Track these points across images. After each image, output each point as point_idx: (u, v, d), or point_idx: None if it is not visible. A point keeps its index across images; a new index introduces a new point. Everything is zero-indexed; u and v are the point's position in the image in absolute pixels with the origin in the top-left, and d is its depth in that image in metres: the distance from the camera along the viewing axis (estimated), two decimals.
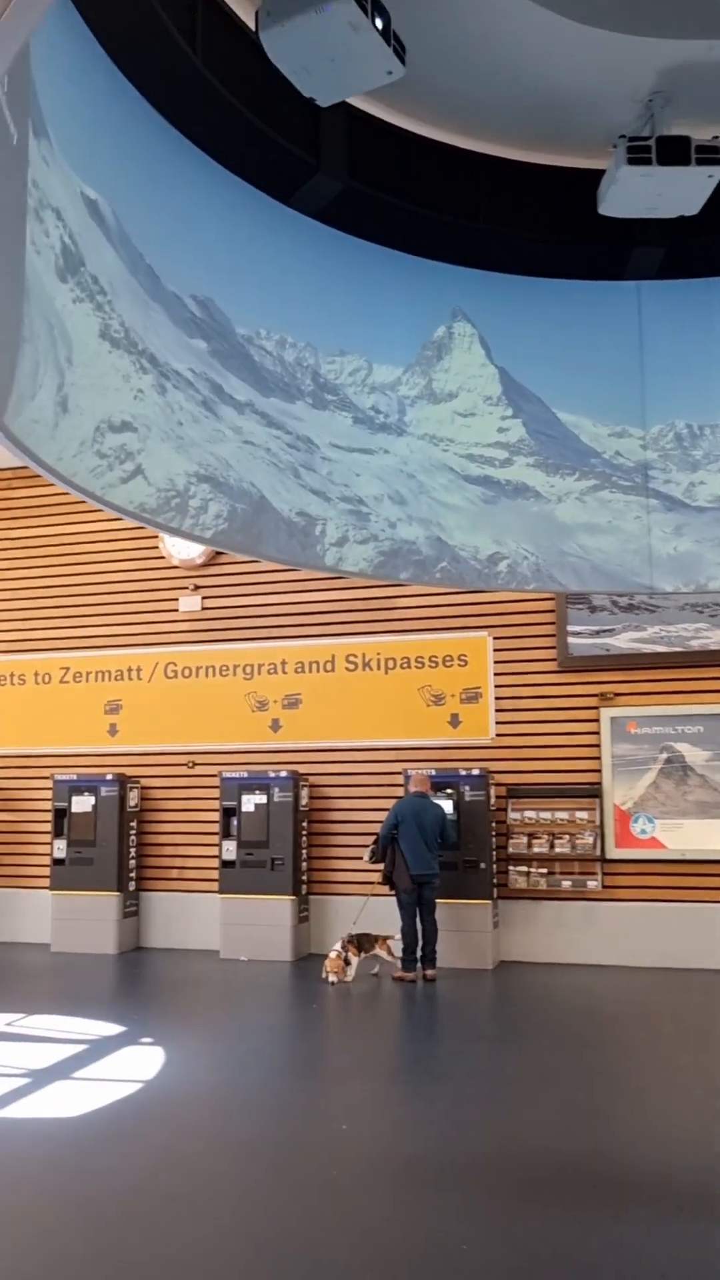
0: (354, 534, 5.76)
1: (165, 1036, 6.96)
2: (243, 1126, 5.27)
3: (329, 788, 10.66)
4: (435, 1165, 4.69)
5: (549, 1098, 5.70)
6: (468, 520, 6.19)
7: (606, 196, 5.86)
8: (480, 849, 9.72)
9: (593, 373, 6.54)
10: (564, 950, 9.78)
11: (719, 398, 6.57)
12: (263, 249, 5.45)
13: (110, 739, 11.30)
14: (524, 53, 5.47)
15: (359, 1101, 5.72)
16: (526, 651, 10.37)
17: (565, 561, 6.39)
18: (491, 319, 6.42)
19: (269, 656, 10.95)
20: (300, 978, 9.26)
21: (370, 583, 10.40)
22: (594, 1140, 4.99)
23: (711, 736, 9.81)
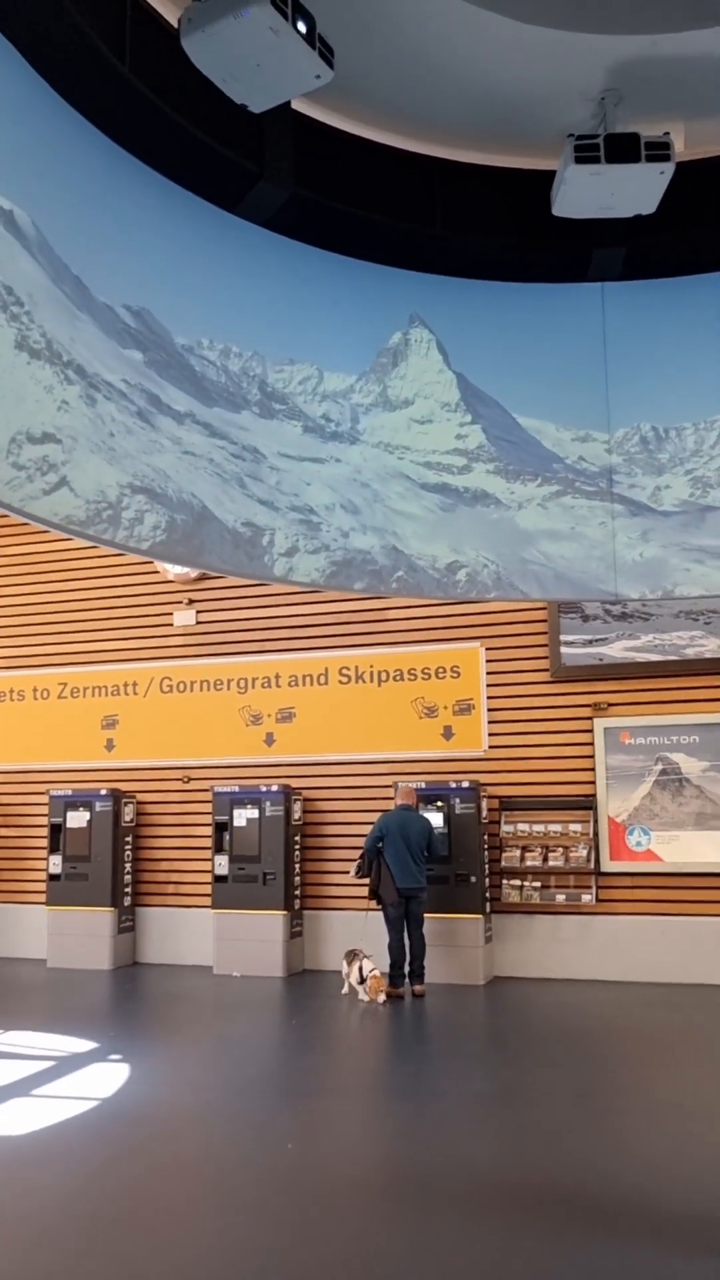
0: (304, 544, 5.69)
1: (135, 1053, 6.90)
2: (186, 1145, 5.19)
3: (322, 801, 10.57)
4: (379, 1186, 4.57)
5: (528, 1117, 5.56)
6: (425, 529, 6.10)
7: (558, 197, 5.77)
8: (471, 862, 9.58)
9: (555, 377, 6.44)
10: (558, 965, 9.60)
11: (684, 399, 6.44)
12: (205, 258, 5.42)
13: (107, 754, 11.31)
14: (464, 53, 5.41)
15: (316, 1120, 5.62)
16: (519, 662, 10.23)
17: (527, 569, 6.27)
18: (449, 324, 6.34)
19: (263, 670, 10.91)
20: (290, 994, 9.17)
21: (362, 595, 10.32)
22: (572, 1164, 4.84)
23: (707, 746, 9.60)
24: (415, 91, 5.66)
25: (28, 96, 4.44)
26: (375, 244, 6.12)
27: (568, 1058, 6.84)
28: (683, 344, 6.47)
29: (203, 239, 5.40)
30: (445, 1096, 6.03)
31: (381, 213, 6.06)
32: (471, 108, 5.82)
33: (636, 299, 6.54)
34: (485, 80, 5.59)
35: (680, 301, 6.50)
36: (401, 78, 5.54)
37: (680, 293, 6.53)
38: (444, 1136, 5.28)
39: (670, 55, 5.43)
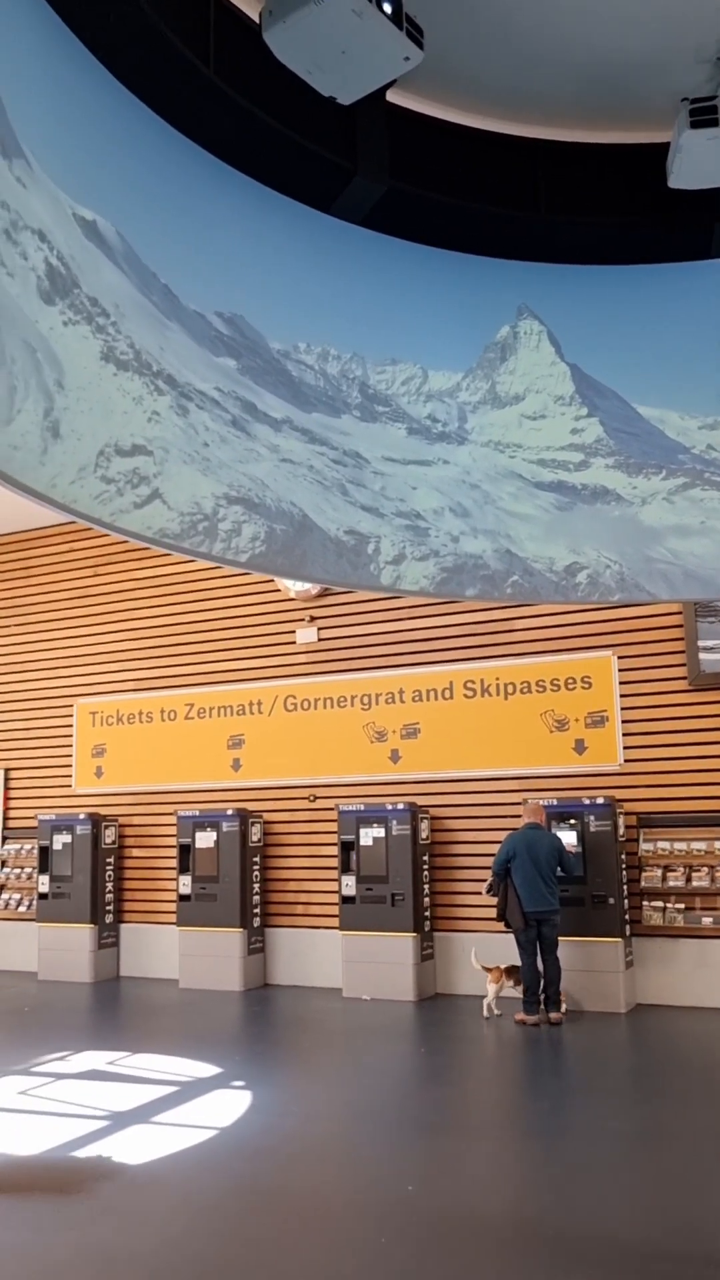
0: (412, 550, 5.44)
1: (258, 1080, 6.73)
2: (302, 1181, 4.96)
3: (450, 819, 10.26)
4: (501, 1237, 4.24)
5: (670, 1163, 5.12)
6: (540, 529, 5.76)
7: (675, 168, 5.39)
8: (609, 883, 9.08)
9: (677, 362, 6.01)
10: (705, 993, 8.98)
11: None
12: (299, 260, 5.26)
13: (234, 774, 11.29)
14: (563, 21, 5.09)
15: (440, 1158, 5.31)
16: (655, 670, 9.69)
17: (654, 569, 5.85)
18: (561, 314, 6.00)
19: (386, 686, 10.69)
20: (421, 1019, 8.87)
21: (487, 605, 10.02)
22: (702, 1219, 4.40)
23: None
24: (511, 69, 5.37)
25: (108, 104, 4.38)
26: (477, 235, 5.85)
27: (715, 1096, 6.31)
28: None
29: (296, 240, 5.25)
30: (580, 1136, 5.62)
31: (482, 201, 5.80)
32: (574, 81, 5.49)
33: None
34: (587, 50, 5.25)
35: None
36: (496, 55, 5.26)
37: None
38: (576, 1183, 4.89)
39: None
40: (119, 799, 11.88)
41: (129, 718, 11.94)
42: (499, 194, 5.80)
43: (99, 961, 11.21)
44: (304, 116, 5.06)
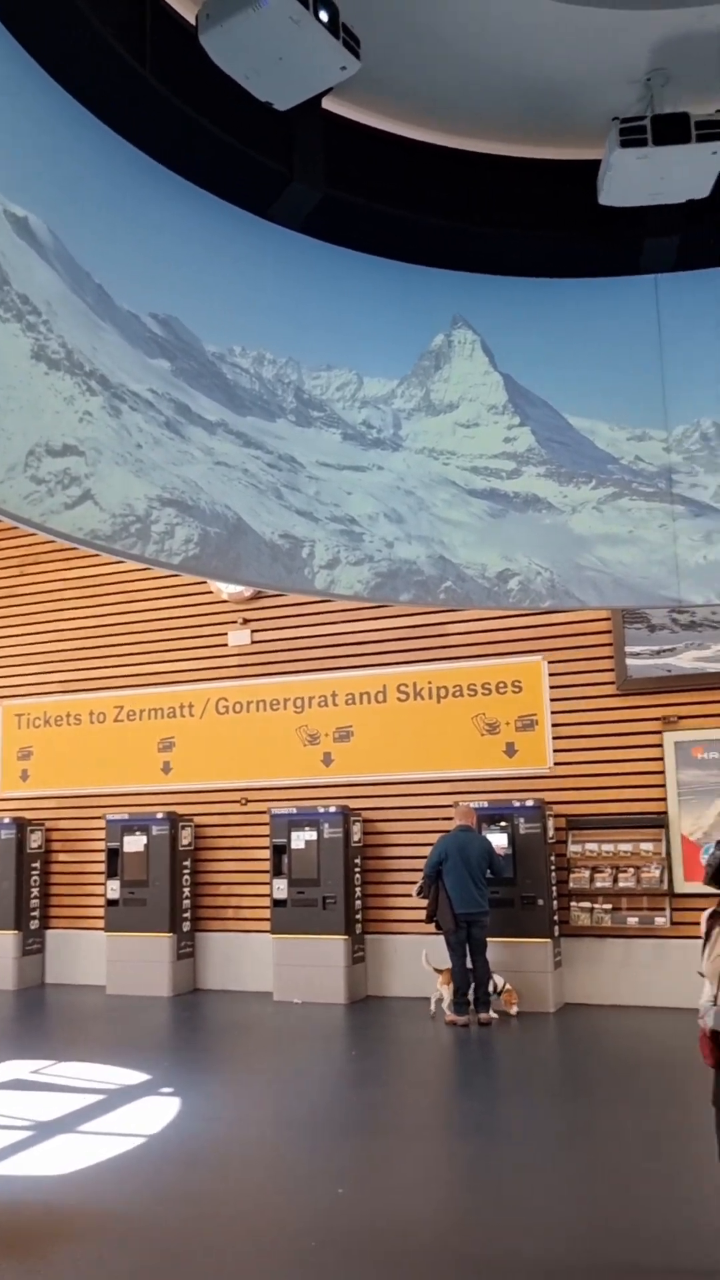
0: (346, 555, 5.47)
1: (187, 1086, 6.69)
2: (231, 1188, 4.94)
3: (383, 822, 10.30)
4: (428, 1238, 4.27)
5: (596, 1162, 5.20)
6: (473, 536, 5.84)
7: (605, 185, 5.51)
8: (538, 884, 9.20)
9: (608, 374, 6.15)
10: (631, 992, 9.15)
11: None
12: (236, 264, 5.26)
13: (164, 777, 11.19)
14: (499, 39, 5.19)
15: (370, 1161, 5.33)
16: (584, 675, 9.85)
17: (583, 576, 5.97)
18: (494, 324, 6.10)
19: (319, 689, 10.70)
20: (352, 1022, 8.89)
21: (420, 609, 10.09)
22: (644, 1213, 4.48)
23: None
24: (449, 83, 5.44)
25: (42, 101, 4.33)
26: (414, 244, 5.92)
27: (641, 1093, 6.44)
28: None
29: (233, 244, 5.24)
30: (508, 1137, 5.70)
31: (419, 212, 5.86)
32: (509, 97, 5.58)
33: (693, 290, 6.23)
34: (523, 67, 5.35)
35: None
36: (434, 68, 5.33)
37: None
38: (504, 1183, 4.95)
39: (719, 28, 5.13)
40: (46, 803, 11.69)
41: (57, 720, 11.76)
42: (435, 205, 5.86)
43: (23, 968, 11.02)
44: (241, 121, 5.06)
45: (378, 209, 5.72)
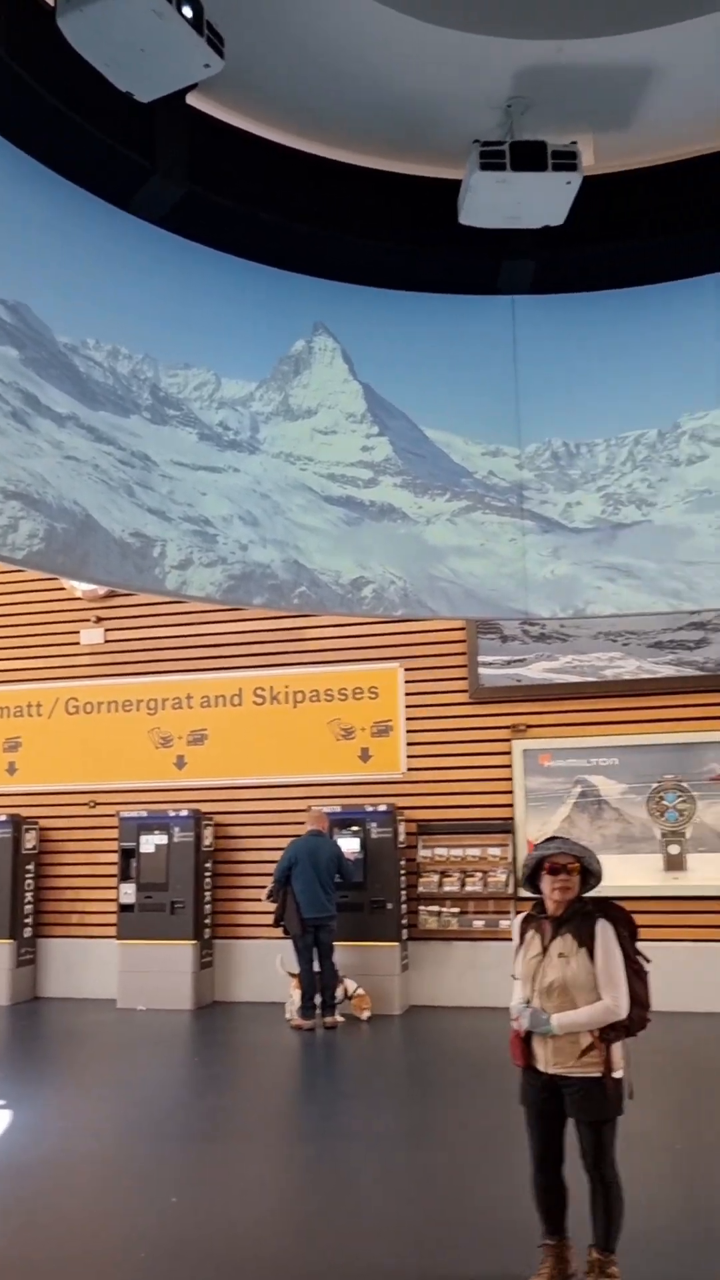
0: (199, 556, 5.42)
1: (20, 1098, 6.47)
2: (61, 1201, 4.81)
3: (235, 826, 10.23)
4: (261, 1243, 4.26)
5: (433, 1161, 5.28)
6: (329, 543, 5.87)
7: (465, 205, 5.63)
8: (387, 888, 9.31)
9: (465, 390, 6.29)
10: (477, 993, 9.36)
11: (596, 415, 6.34)
12: (92, 255, 5.14)
13: (8, 778, 10.82)
14: (368, 53, 5.24)
15: (209, 1167, 5.28)
16: (438, 683, 10.03)
17: (436, 586, 6.08)
18: (355, 333, 6.15)
19: (174, 691, 10.55)
20: (198, 1028, 8.79)
21: (279, 613, 10.05)
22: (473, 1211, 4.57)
23: (626, 769, 9.48)
24: (317, 92, 5.47)
25: None
26: (277, 248, 5.91)
27: (481, 1093, 6.59)
28: (593, 359, 6.37)
29: (90, 235, 5.12)
30: (350, 1140, 5.73)
31: (284, 216, 5.86)
32: (376, 111, 5.65)
33: (547, 313, 6.43)
34: (390, 82, 5.42)
35: (591, 317, 6.41)
36: (302, 76, 5.34)
37: (591, 308, 6.44)
38: (343, 1186, 4.98)
39: (577, 63, 5.33)
40: None
41: None
42: (299, 210, 5.87)
43: None
44: (102, 110, 4.95)
45: (243, 210, 5.68)
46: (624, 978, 3.57)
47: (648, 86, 5.48)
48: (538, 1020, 3.56)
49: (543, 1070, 3.60)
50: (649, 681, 9.50)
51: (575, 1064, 3.54)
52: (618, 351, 6.37)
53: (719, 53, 5.25)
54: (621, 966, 3.58)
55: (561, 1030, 3.54)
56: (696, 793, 9.27)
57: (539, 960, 3.63)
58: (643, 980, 3.63)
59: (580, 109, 5.62)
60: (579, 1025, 3.53)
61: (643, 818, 9.37)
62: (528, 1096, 3.70)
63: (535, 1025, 3.57)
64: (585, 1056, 3.53)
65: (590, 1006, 3.53)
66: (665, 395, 6.25)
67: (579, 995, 3.54)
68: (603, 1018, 3.53)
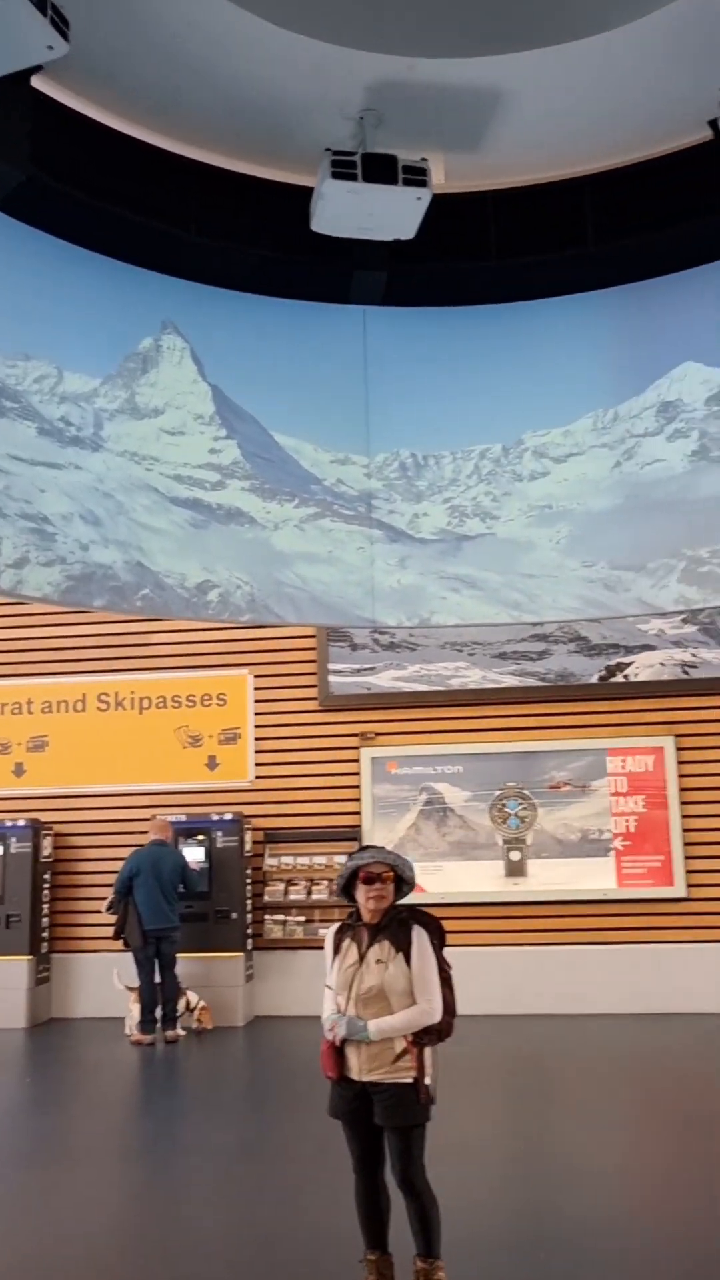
0: (36, 555, 5.22)
1: None
2: None
3: (77, 836, 9.92)
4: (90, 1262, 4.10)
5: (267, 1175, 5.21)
6: (174, 545, 5.76)
7: (316, 212, 5.63)
8: (232, 898, 9.21)
9: (315, 397, 6.29)
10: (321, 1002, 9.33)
11: (443, 428, 6.45)
12: None
13: None
14: (224, 53, 5.19)
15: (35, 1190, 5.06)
16: (288, 690, 10.01)
17: (282, 592, 6.05)
18: (205, 334, 6.07)
19: (12, 695, 10.16)
20: (31, 1047, 8.45)
21: (124, 617, 9.82)
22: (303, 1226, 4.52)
23: (470, 776, 9.68)
24: (171, 86, 5.38)
25: None
26: (126, 242, 5.78)
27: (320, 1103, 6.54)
28: (442, 373, 6.49)
29: None
30: (184, 1154, 5.61)
31: (133, 210, 5.73)
32: (230, 111, 5.59)
33: (397, 325, 6.51)
34: (245, 83, 5.38)
35: (440, 331, 6.52)
36: (156, 69, 5.24)
37: (441, 323, 6.55)
38: (177, 1203, 4.86)
39: (428, 81, 5.42)
40: None
41: None
42: (150, 206, 5.75)
43: None
44: None
45: (90, 201, 5.52)
46: (438, 983, 3.63)
47: (496, 111, 5.62)
48: (355, 1027, 3.57)
49: (356, 1079, 3.60)
50: (493, 691, 9.74)
51: (389, 1070, 3.56)
52: (465, 367, 6.50)
53: (565, 84, 5.43)
54: (436, 971, 3.64)
55: (379, 1035, 3.55)
56: (537, 800, 9.55)
57: (356, 968, 3.65)
58: (450, 987, 3.70)
59: (431, 127, 5.72)
60: (395, 1029, 3.55)
61: (485, 824, 9.58)
62: (341, 1108, 3.69)
63: (352, 1032, 3.57)
64: (399, 1062, 3.56)
65: (406, 1010, 3.56)
66: (510, 411, 6.42)
67: (395, 1000, 3.57)
68: (418, 1020, 3.57)
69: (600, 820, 9.44)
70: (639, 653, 9.64)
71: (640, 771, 9.47)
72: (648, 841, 9.32)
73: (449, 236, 6.22)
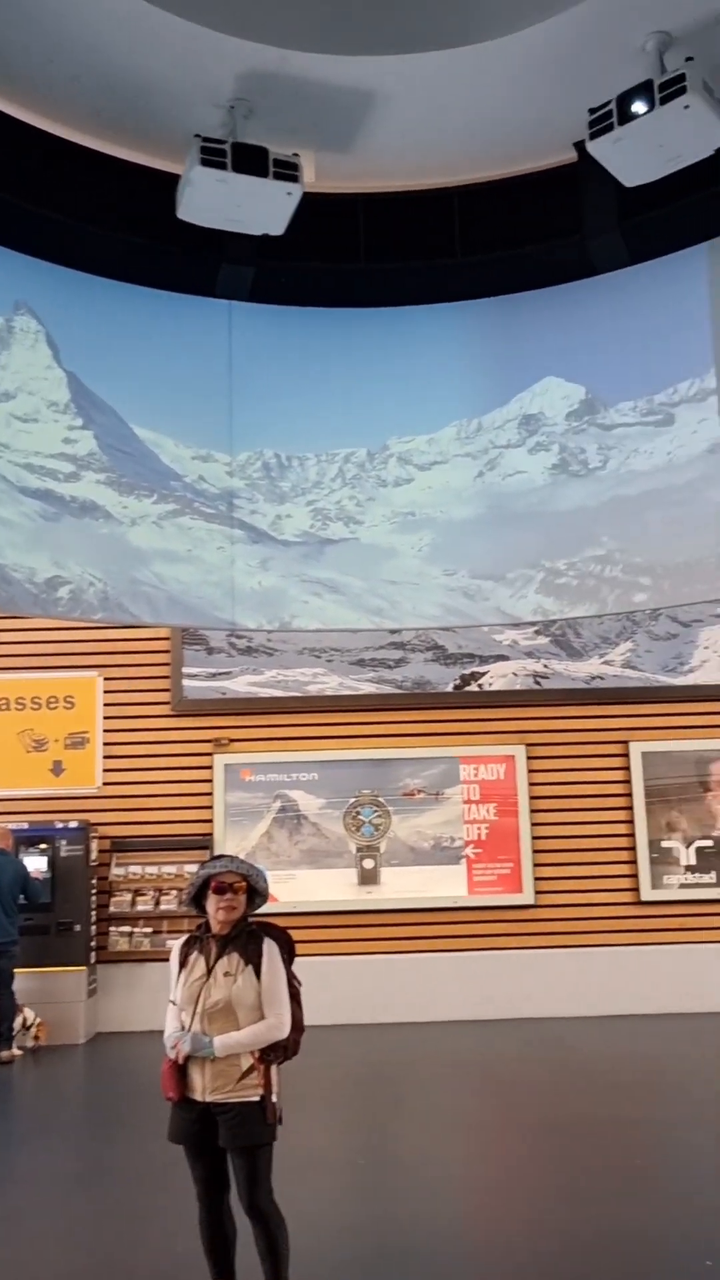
0: None
1: None
2: None
3: None
4: None
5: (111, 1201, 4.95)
6: (22, 537, 5.46)
7: (184, 199, 5.46)
8: (76, 909, 8.82)
9: (178, 390, 6.10)
10: None
11: (308, 429, 6.37)
12: None
13: None
14: (95, 28, 4.97)
15: None
16: (139, 694, 9.69)
17: (138, 590, 5.82)
18: (63, 318, 5.80)
19: None
20: None
21: None
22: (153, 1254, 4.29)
23: (325, 783, 9.60)
24: (36, 59, 5.12)
25: None
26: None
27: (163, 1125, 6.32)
28: (308, 373, 6.40)
29: None
30: (16, 1183, 5.30)
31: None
32: (98, 89, 5.37)
33: (264, 322, 6.39)
34: (114, 61, 5.17)
35: (307, 331, 6.44)
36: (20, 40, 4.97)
37: (308, 322, 6.47)
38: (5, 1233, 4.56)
39: (301, 76, 5.33)
40: None
41: None
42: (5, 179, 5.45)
43: None
44: None
45: None
46: (287, 997, 3.52)
47: (370, 113, 5.59)
48: (199, 1043, 3.41)
49: (199, 1099, 3.45)
50: (350, 698, 9.70)
51: (234, 1088, 3.42)
52: (331, 369, 6.43)
53: (439, 91, 5.44)
54: (285, 986, 3.54)
55: (224, 1052, 3.41)
56: (392, 808, 9.56)
57: (203, 981, 3.50)
58: (298, 1002, 3.60)
59: (303, 123, 5.64)
60: (242, 1045, 3.42)
61: (339, 832, 9.52)
62: (182, 1132, 3.53)
63: (197, 1049, 3.41)
64: (245, 1080, 3.43)
65: (253, 1026, 3.44)
66: (376, 416, 6.39)
67: (243, 1015, 3.44)
68: (266, 1036, 3.45)
69: (452, 828, 9.53)
70: (493, 663, 9.79)
71: (492, 780, 9.60)
72: (498, 849, 9.46)
73: (319, 236, 6.15)
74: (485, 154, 6.00)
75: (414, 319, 6.41)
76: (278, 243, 5.83)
